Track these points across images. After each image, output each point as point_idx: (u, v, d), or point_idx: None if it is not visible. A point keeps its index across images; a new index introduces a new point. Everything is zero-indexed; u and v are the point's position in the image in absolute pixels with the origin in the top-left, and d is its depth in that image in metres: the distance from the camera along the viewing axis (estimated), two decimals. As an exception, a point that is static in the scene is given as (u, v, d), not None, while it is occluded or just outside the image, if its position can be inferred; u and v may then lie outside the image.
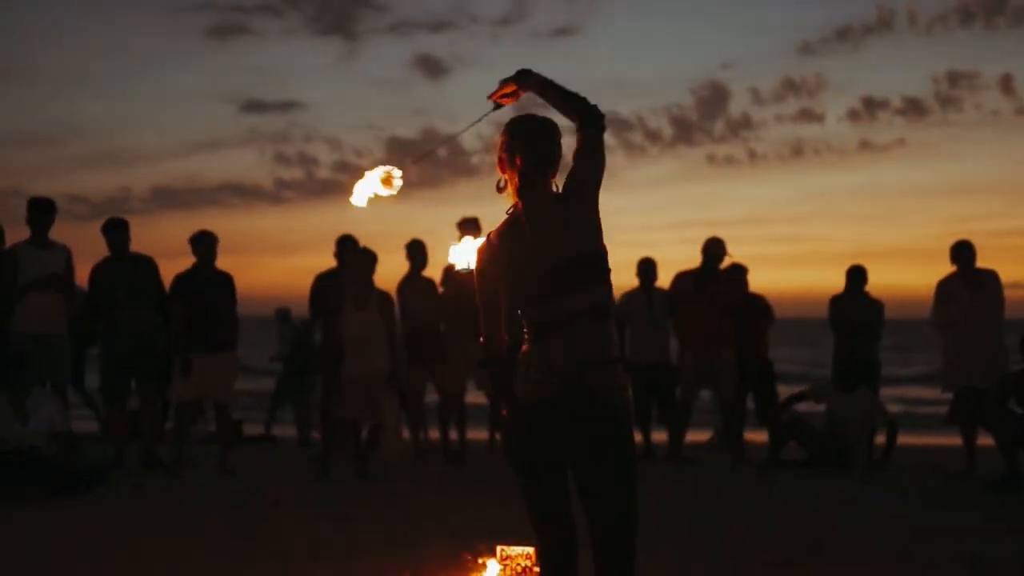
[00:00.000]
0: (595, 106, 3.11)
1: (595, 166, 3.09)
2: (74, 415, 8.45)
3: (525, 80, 3.18)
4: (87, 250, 8.21)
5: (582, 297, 3.03)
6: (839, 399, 8.60)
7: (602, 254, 3.09)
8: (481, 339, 3.19)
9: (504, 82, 3.21)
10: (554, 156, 3.14)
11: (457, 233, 8.96)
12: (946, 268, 8.59)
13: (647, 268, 9.35)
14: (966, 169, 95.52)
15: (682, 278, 9.23)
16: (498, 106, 3.26)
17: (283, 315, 12.00)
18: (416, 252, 8.98)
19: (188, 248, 8.20)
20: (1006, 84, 77.08)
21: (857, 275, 9.38)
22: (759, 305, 9.50)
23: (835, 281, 9.46)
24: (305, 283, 8.92)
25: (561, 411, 3.02)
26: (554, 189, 3.13)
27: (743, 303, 9.21)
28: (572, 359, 3.01)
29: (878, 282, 9.67)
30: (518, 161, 3.10)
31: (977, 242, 8.46)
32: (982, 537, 5.71)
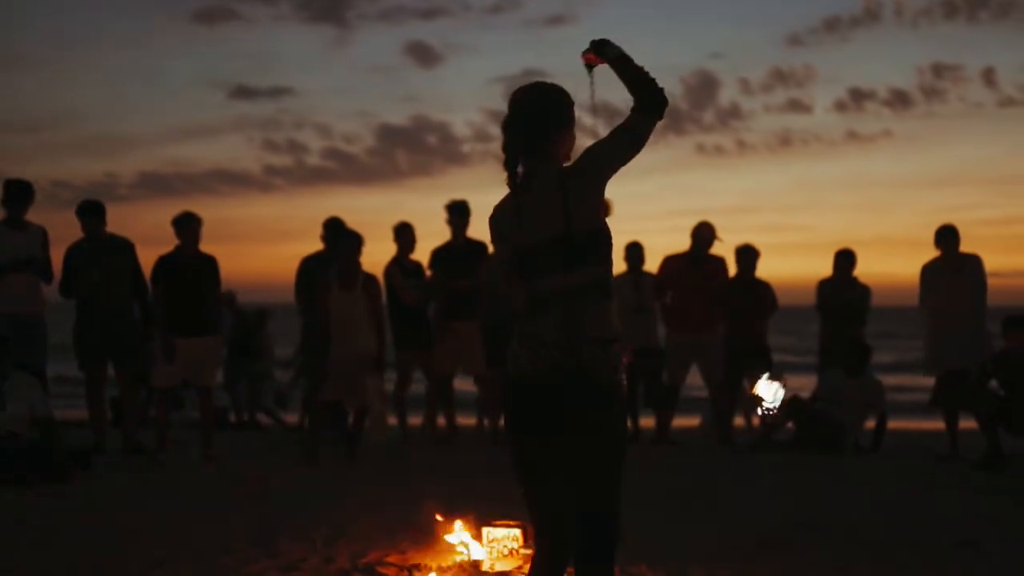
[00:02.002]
0: (662, 95, 3.01)
1: (623, 150, 3.00)
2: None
3: (603, 52, 3.10)
4: (71, 236, 8.07)
5: (579, 274, 2.96)
6: (842, 383, 8.56)
7: (600, 233, 3.01)
8: (514, 305, 3.09)
9: (592, 44, 3.12)
10: (540, 131, 3.03)
11: (445, 215, 8.90)
12: (931, 257, 8.55)
13: (634, 252, 9.30)
14: (950, 160, 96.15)
15: (670, 262, 9.18)
16: (590, 65, 3.14)
17: (228, 299, 11.68)
18: (404, 235, 8.89)
19: (174, 234, 8.08)
20: (988, 76, 77.56)
21: (845, 259, 9.35)
22: (762, 292, 9.37)
23: (822, 269, 9.45)
24: (294, 270, 8.80)
25: (553, 388, 2.95)
26: (560, 162, 3.05)
27: (738, 285, 9.12)
28: (566, 336, 2.94)
29: (864, 270, 9.67)
30: (503, 135, 3.05)
31: (961, 231, 8.44)
32: (968, 517, 5.70)
